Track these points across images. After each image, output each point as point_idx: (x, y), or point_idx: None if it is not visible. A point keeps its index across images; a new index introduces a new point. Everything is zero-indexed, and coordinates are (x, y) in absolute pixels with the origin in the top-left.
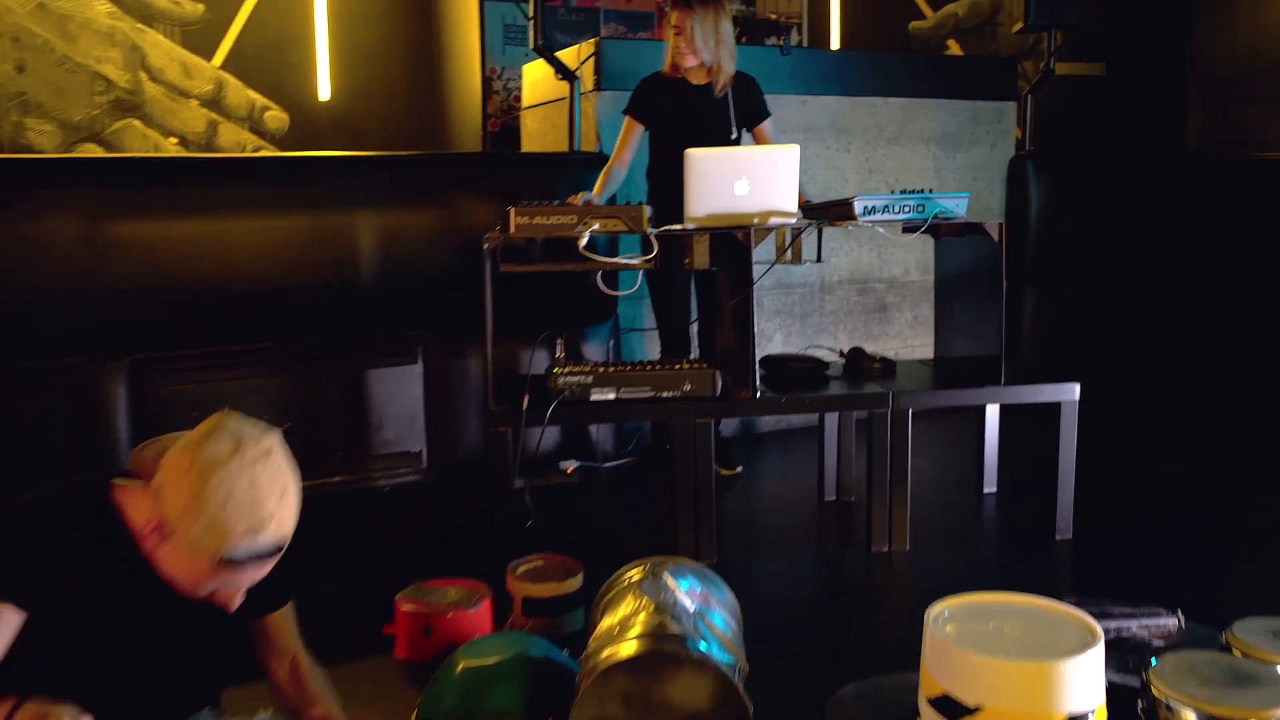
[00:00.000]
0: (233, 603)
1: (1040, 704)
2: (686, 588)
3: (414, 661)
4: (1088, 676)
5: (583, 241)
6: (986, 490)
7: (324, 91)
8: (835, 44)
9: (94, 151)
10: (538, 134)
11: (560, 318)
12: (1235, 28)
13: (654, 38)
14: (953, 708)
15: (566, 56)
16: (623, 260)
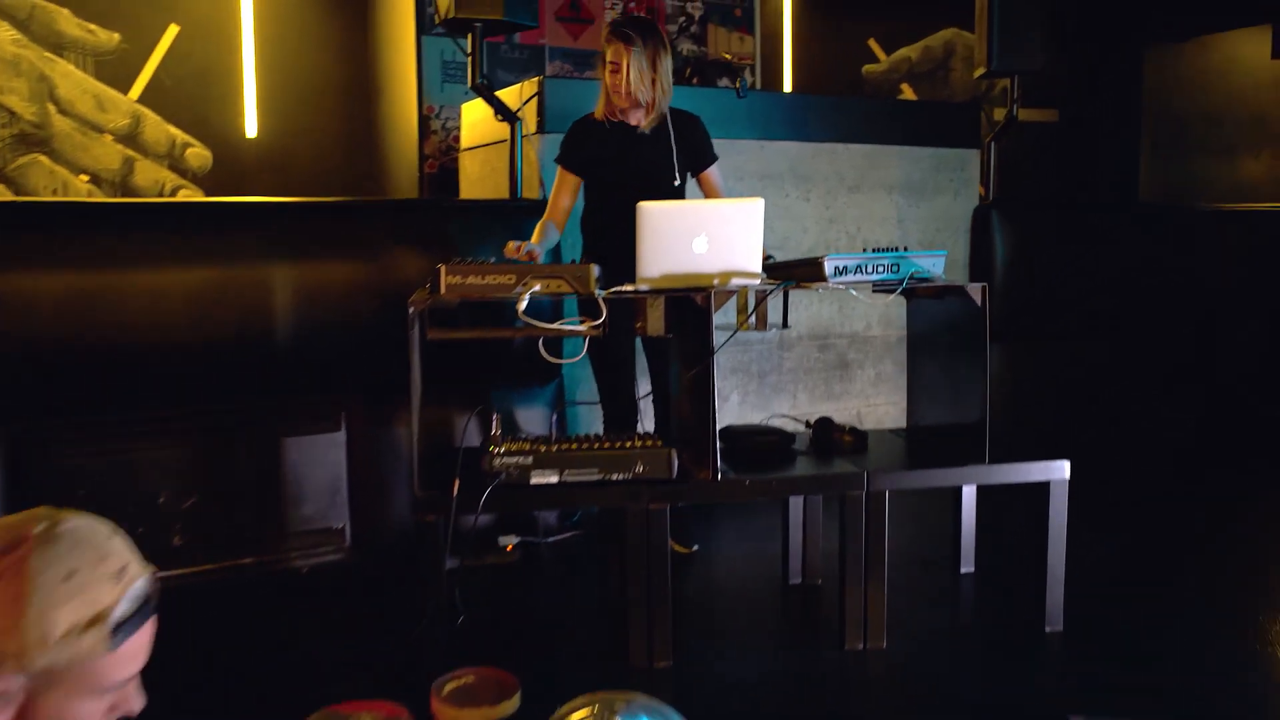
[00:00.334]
0: (138, 701)
1: None
2: None
3: None
4: None
5: (522, 305)
6: (964, 570)
7: (251, 128)
8: (788, 87)
9: None
10: (477, 178)
11: (498, 378)
12: (1182, 77)
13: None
14: None
15: (508, 96)
16: (567, 326)
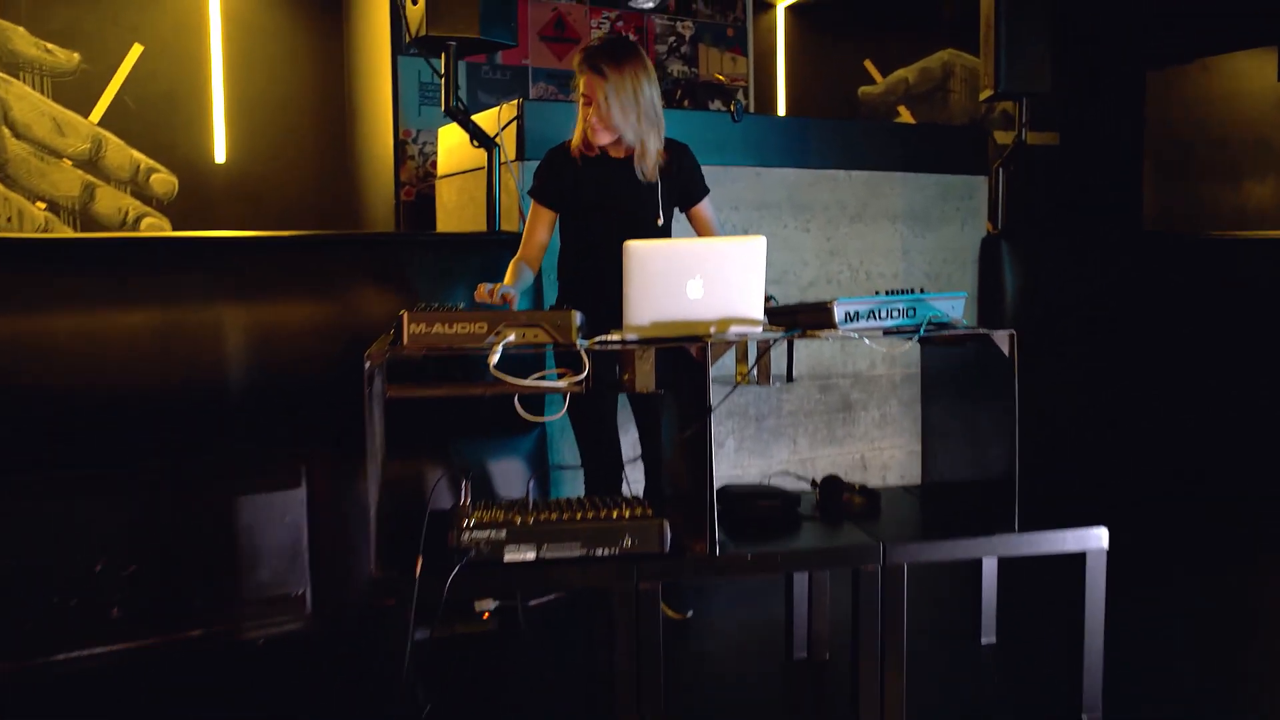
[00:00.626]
0: None
1: None
2: None
3: None
4: None
5: (494, 359)
6: (985, 640)
7: (219, 153)
8: (782, 109)
9: None
10: (454, 207)
11: (472, 428)
12: (1185, 99)
13: None
14: None
15: (485, 120)
16: (545, 383)
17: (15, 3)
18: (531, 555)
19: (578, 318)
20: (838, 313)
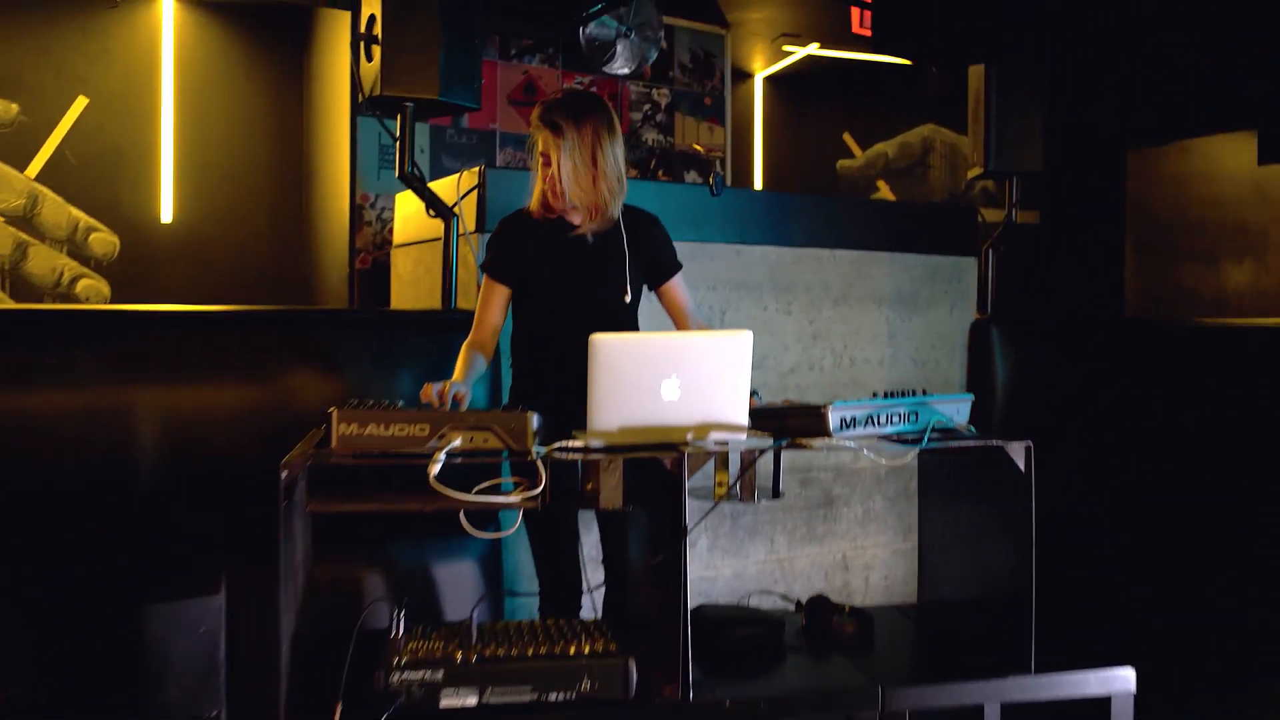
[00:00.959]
0: None
1: None
2: None
3: None
4: None
5: (434, 470)
6: None
7: (166, 212)
8: (758, 182)
9: None
10: (410, 279)
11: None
12: (1165, 179)
13: None
14: None
15: (443, 187)
16: (494, 499)
17: None
18: (473, 701)
19: (534, 421)
20: (832, 418)
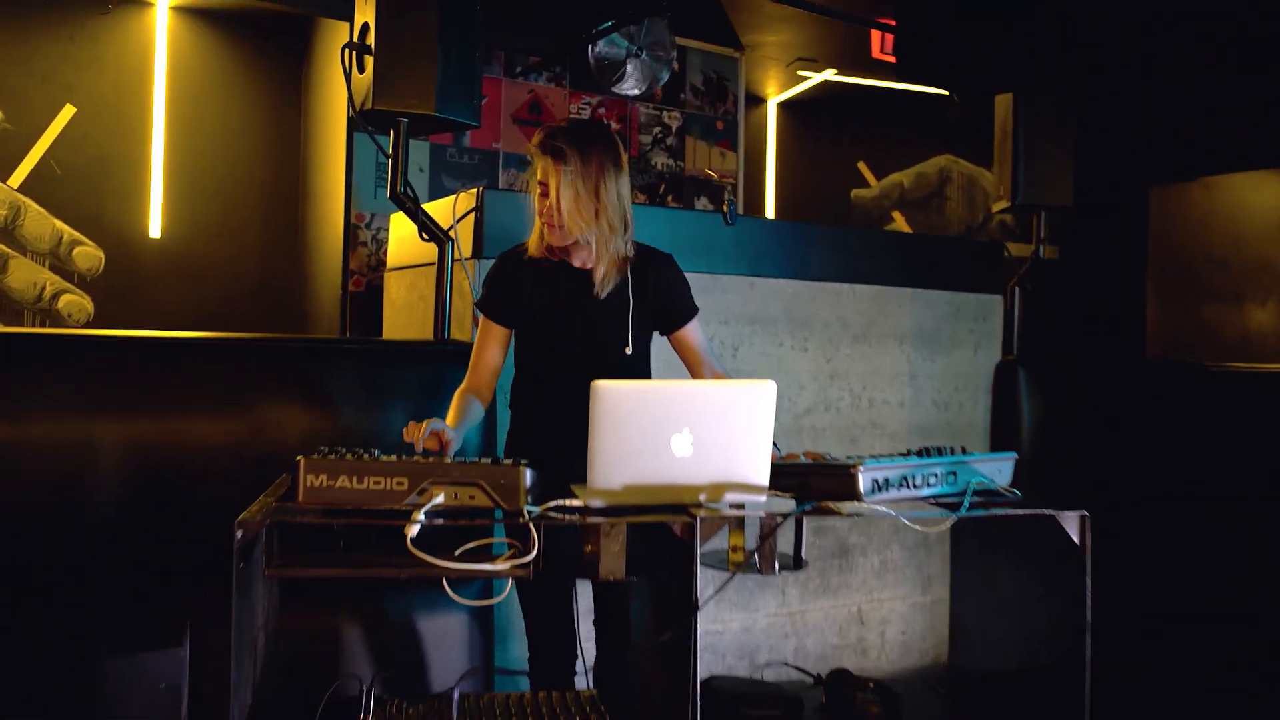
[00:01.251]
0: None
1: None
2: None
3: None
4: None
5: (411, 532)
6: None
7: (154, 227)
8: (770, 210)
9: None
10: (403, 305)
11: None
12: (1188, 217)
13: None
14: None
15: (438, 209)
16: (480, 567)
17: None
18: None
19: (527, 476)
20: (863, 480)
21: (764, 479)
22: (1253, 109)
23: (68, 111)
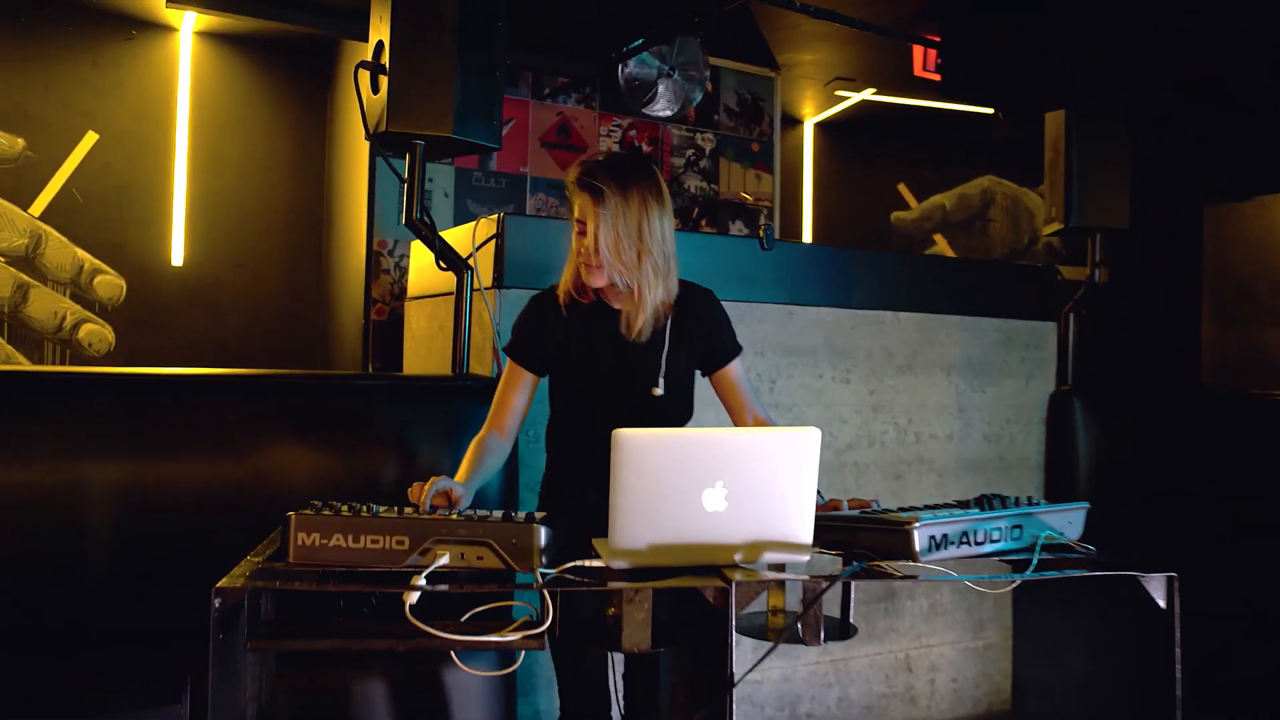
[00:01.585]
0: None
1: None
2: None
3: None
4: None
5: (410, 599)
6: None
7: (176, 255)
8: (807, 234)
9: None
10: (424, 335)
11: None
12: (1244, 238)
13: None
14: None
15: (458, 236)
16: (487, 639)
17: None
18: None
19: (542, 535)
20: (919, 538)
21: (807, 536)
22: None
23: (89, 139)
